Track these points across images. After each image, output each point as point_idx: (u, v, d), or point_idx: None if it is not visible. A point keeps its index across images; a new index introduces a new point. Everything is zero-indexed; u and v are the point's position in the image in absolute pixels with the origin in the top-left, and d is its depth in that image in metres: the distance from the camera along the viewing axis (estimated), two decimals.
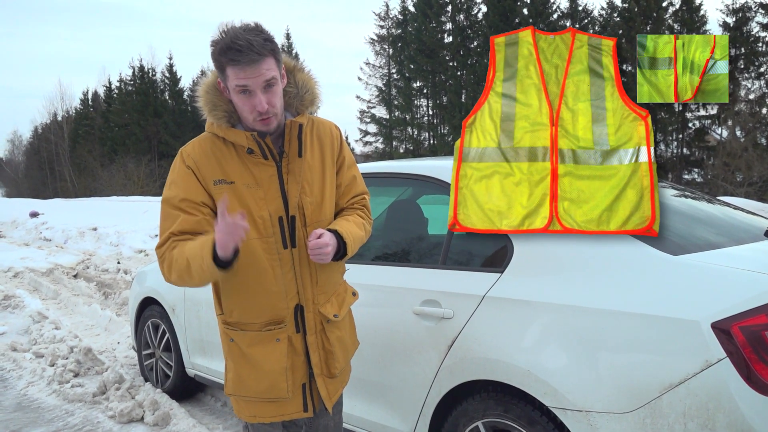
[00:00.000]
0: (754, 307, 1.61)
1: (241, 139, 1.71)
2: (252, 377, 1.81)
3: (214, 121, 1.74)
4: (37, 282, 8.04)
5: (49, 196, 42.40)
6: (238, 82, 1.63)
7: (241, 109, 1.70)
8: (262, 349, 1.79)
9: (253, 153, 1.72)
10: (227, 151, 1.74)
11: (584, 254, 1.98)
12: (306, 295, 1.81)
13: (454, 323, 2.15)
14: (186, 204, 1.69)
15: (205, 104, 1.75)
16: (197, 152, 1.74)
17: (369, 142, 38.68)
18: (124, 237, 12.02)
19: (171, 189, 1.73)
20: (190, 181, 1.71)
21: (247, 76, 1.61)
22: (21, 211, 18.86)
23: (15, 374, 4.40)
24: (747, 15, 26.85)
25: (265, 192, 1.74)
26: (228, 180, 1.72)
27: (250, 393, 1.83)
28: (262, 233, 1.73)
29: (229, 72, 1.64)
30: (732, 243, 2.08)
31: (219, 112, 1.74)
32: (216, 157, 1.73)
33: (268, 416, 1.86)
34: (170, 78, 47.53)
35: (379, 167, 2.91)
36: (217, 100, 1.74)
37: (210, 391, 3.98)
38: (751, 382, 1.58)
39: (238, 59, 1.59)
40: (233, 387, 1.85)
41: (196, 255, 1.59)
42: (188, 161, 1.73)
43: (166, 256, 1.68)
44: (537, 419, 1.92)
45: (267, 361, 1.79)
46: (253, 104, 1.66)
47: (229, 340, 1.84)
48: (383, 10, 37.81)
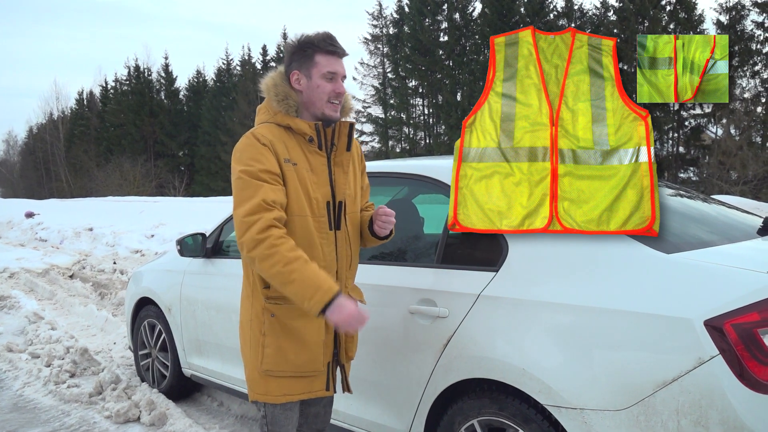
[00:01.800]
0: (747, 305, 1.62)
1: (305, 127, 1.93)
2: (294, 350, 1.93)
3: (282, 110, 1.95)
4: (33, 282, 8.01)
5: (45, 196, 42.28)
6: (330, 68, 1.93)
7: (321, 93, 1.93)
8: (304, 322, 1.93)
9: (313, 142, 1.94)
10: (290, 138, 1.94)
11: (578, 253, 1.99)
12: (342, 276, 2.02)
13: (450, 322, 2.16)
14: (268, 175, 1.84)
15: (275, 95, 1.97)
16: (270, 134, 1.91)
17: (365, 141, 38.67)
18: (120, 237, 12.00)
19: (250, 162, 1.85)
20: (269, 155, 1.87)
21: (338, 64, 1.95)
22: (16, 211, 18.80)
23: (11, 375, 4.39)
24: (741, 13, 26.92)
25: (318, 178, 1.96)
26: (293, 161, 1.91)
27: (289, 367, 1.94)
28: (315, 213, 1.94)
29: (320, 59, 1.92)
30: (725, 241, 2.09)
31: (290, 102, 1.96)
32: (283, 141, 1.92)
33: (297, 393, 1.98)
34: (166, 78, 47.43)
35: (375, 167, 2.92)
36: (288, 91, 1.96)
37: (206, 391, 3.98)
38: (744, 379, 1.59)
39: (337, 46, 1.94)
40: (272, 362, 1.93)
41: (308, 286, 1.74)
42: (263, 140, 1.89)
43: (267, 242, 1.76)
44: (532, 417, 1.93)
45: (309, 332, 1.94)
46: (334, 87, 1.94)
47: (270, 315, 1.94)
48: (376, 9, 37.80)
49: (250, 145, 1.89)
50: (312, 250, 1.91)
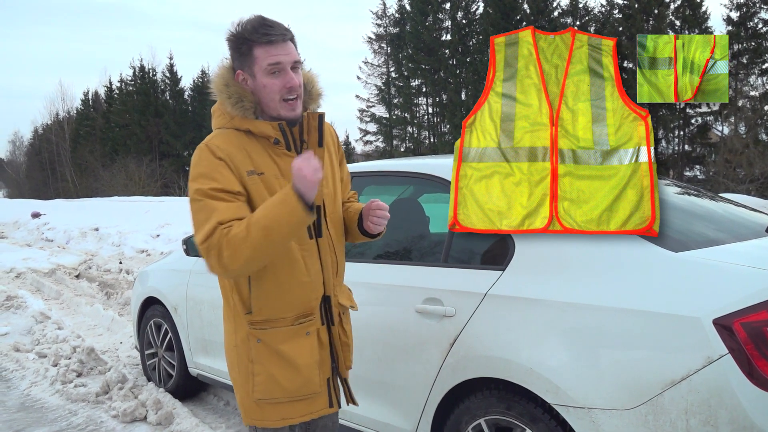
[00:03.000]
0: (756, 303, 1.61)
1: (267, 130, 1.70)
2: (286, 376, 1.75)
3: (239, 113, 1.70)
4: (40, 282, 8.05)
5: (51, 196, 42.45)
6: (270, 60, 1.64)
7: (269, 92, 1.68)
8: (294, 345, 1.75)
9: (279, 144, 1.72)
10: (253, 144, 1.71)
11: (586, 251, 1.98)
12: (330, 285, 1.82)
13: (456, 321, 2.15)
14: (224, 194, 1.62)
15: (228, 97, 1.71)
16: (226, 144, 1.68)
17: (369, 141, 38.67)
18: (125, 237, 12.03)
19: (202, 182, 1.64)
20: (224, 171, 1.64)
21: (279, 52, 1.65)
22: (23, 211, 18.90)
23: (18, 374, 4.41)
24: (752, 10, 26.77)
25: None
26: (258, 171, 1.69)
27: (283, 393, 1.75)
28: None
29: (258, 52, 1.65)
30: (733, 239, 2.08)
31: (246, 103, 1.71)
32: (245, 149, 1.69)
33: (298, 416, 1.80)
34: (171, 78, 47.53)
35: (380, 166, 2.91)
36: (241, 92, 1.71)
37: (213, 390, 3.99)
38: (753, 378, 1.58)
39: (271, 33, 1.64)
40: (264, 391, 1.75)
41: (278, 212, 1.53)
42: (219, 153, 1.66)
43: (222, 242, 1.56)
44: (539, 416, 1.92)
45: (300, 356, 1.75)
46: (284, 82, 1.66)
47: (257, 341, 1.76)
48: (380, 8, 37.76)
49: (203, 159, 1.66)
50: (293, 268, 1.72)
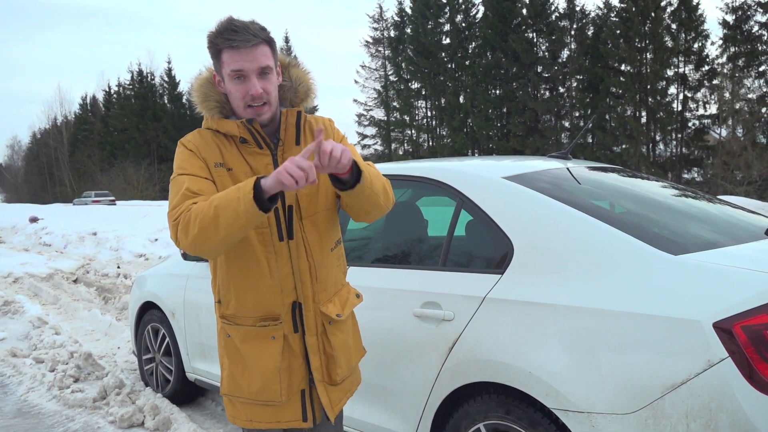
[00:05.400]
0: (756, 307, 1.60)
1: (232, 129, 1.69)
2: (244, 376, 1.73)
3: (206, 113, 1.74)
4: (37, 287, 8.03)
5: (49, 201, 42.39)
6: (233, 66, 1.61)
7: (233, 98, 1.67)
8: (255, 346, 1.72)
9: (247, 142, 1.69)
10: (225, 142, 1.72)
11: (584, 255, 1.98)
12: (305, 292, 1.73)
13: (455, 325, 2.14)
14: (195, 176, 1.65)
15: (197, 96, 1.75)
16: (198, 139, 1.72)
17: (367, 144, 38.71)
18: (123, 241, 12.02)
19: (177, 171, 1.69)
20: (194, 161, 1.68)
21: (243, 59, 1.60)
22: (20, 216, 18.87)
23: (15, 380, 4.38)
24: (747, 13, 26.87)
25: None
26: (227, 166, 1.69)
27: (243, 393, 1.75)
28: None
29: (224, 57, 1.62)
30: (732, 242, 2.07)
31: (211, 103, 1.73)
32: (216, 146, 1.71)
33: (264, 421, 1.76)
34: (169, 82, 47.61)
35: (378, 169, 2.90)
36: (209, 91, 1.74)
37: (210, 396, 3.97)
38: (754, 381, 1.57)
39: (233, 39, 1.59)
40: (227, 386, 1.77)
41: (230, 195, 1.50)
42: (189, 146, 1.71)
43: (181, 217, 1.56)
44: (539, 421, 1.91)
45: (259, 358, 1.72)
46: (246, 89, 1.62)
47: (226, 335, 1.77)
48: (377, 12, 37.88)
49: (179, 152, 1.73)
50: (256, 269, 1.69)
